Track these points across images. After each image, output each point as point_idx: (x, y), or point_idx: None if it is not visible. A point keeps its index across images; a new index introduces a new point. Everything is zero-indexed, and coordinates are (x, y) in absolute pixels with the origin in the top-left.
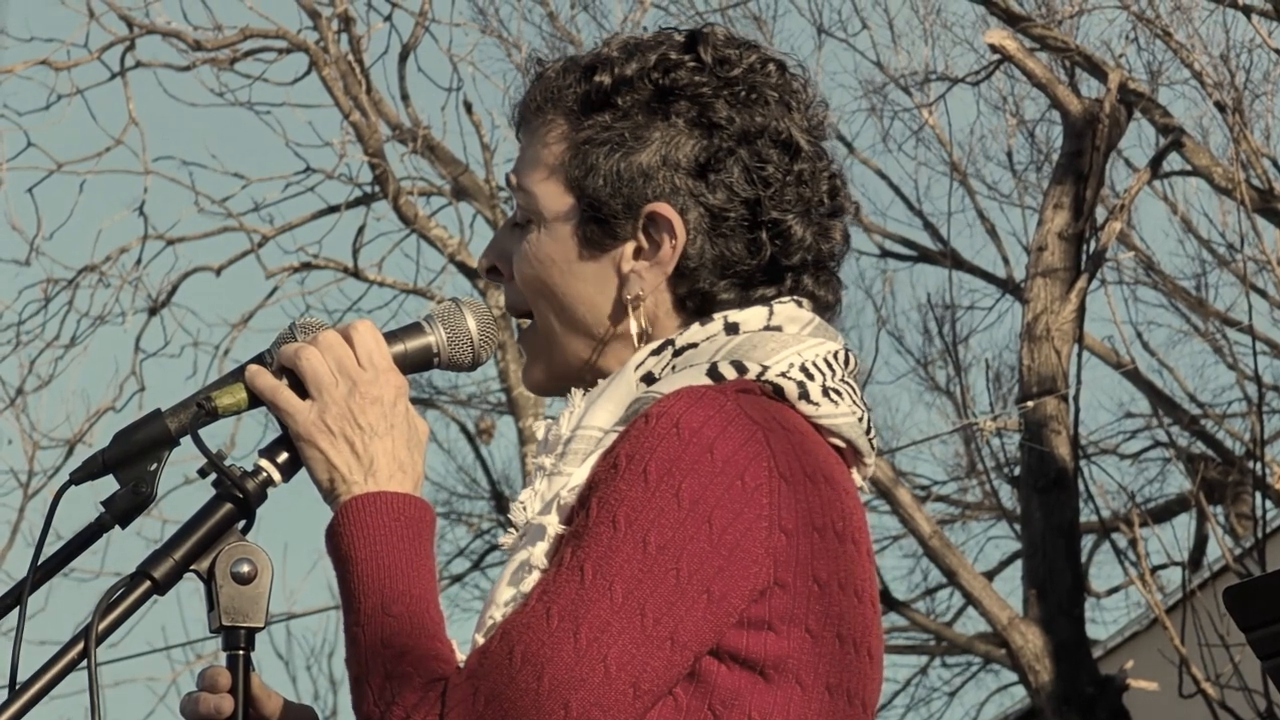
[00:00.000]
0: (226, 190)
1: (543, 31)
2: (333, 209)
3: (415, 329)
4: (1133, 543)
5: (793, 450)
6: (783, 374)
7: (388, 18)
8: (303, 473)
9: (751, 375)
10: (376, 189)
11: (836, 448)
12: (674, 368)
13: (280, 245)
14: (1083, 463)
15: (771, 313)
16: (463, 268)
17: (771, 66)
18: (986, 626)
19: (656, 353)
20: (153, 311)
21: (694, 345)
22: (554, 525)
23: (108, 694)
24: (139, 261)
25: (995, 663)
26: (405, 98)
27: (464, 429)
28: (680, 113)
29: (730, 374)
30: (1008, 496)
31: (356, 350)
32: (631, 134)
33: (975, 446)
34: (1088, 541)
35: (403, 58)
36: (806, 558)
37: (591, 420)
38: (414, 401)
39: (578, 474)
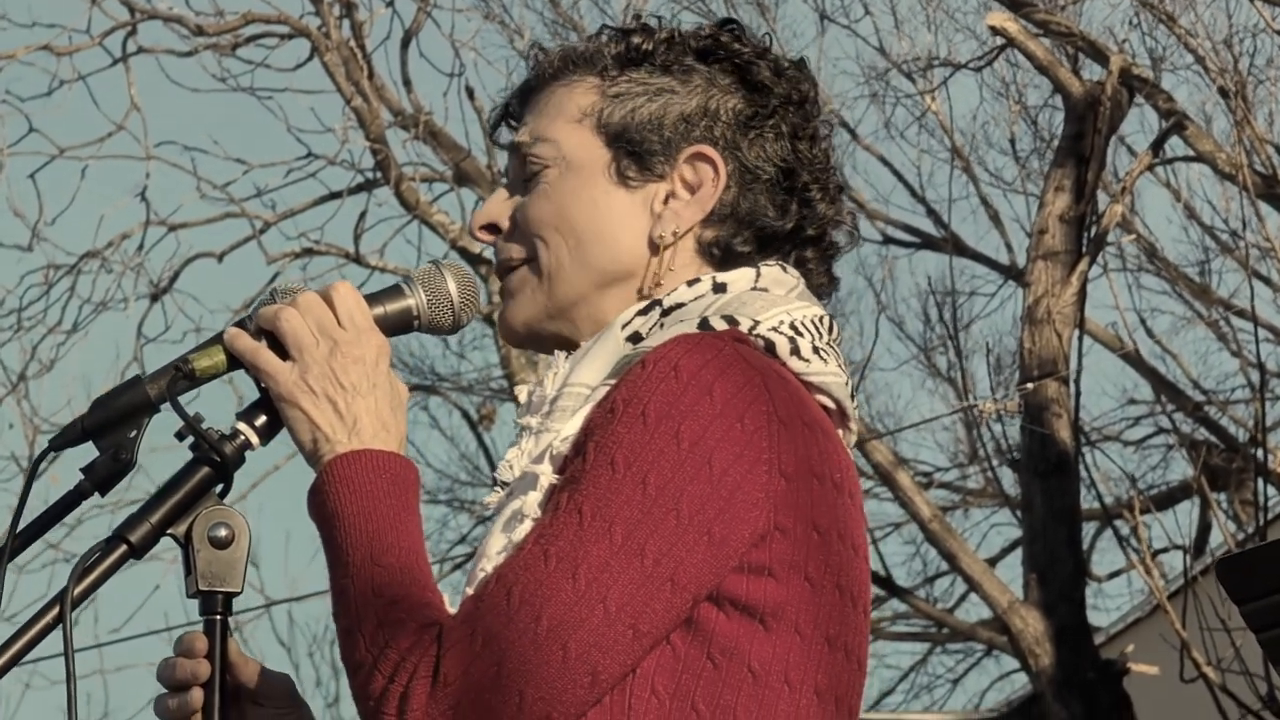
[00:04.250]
0: (228, 176)
1: (544, 18)
2: (334, 195)
3: (395, 291)
4: (1134, 528)
5: (790, 398)
6: (774, 329)
7: (390, 3)
8: (282, 436)
9: (744, 328)
10: (378, 175)
11: (824, 408)
12: (662, 326)
13: (282, 231)
14: (1086, 449)
15: (759, 274)
16: (465, 253)
17: (797, 59)
18: (989, 614)
19: (644, 312)
20: (155, 297)
21: (682, 304)
22: (547, 474)
23: (110, 678)
24: (141, 247)
25: (998, 649)
26: (407, 83)
27: (466, 415)
28: (723, 71)
29: (721, 327)
30: (1010, 483)
31: (337, 310)
32: (670, 86)
33: (977, 433)
34: (1091, 528)
35: (405, 43)
36: (806, 504)
37: (578, 378)
38: (416, 389)
39: (568, 427)
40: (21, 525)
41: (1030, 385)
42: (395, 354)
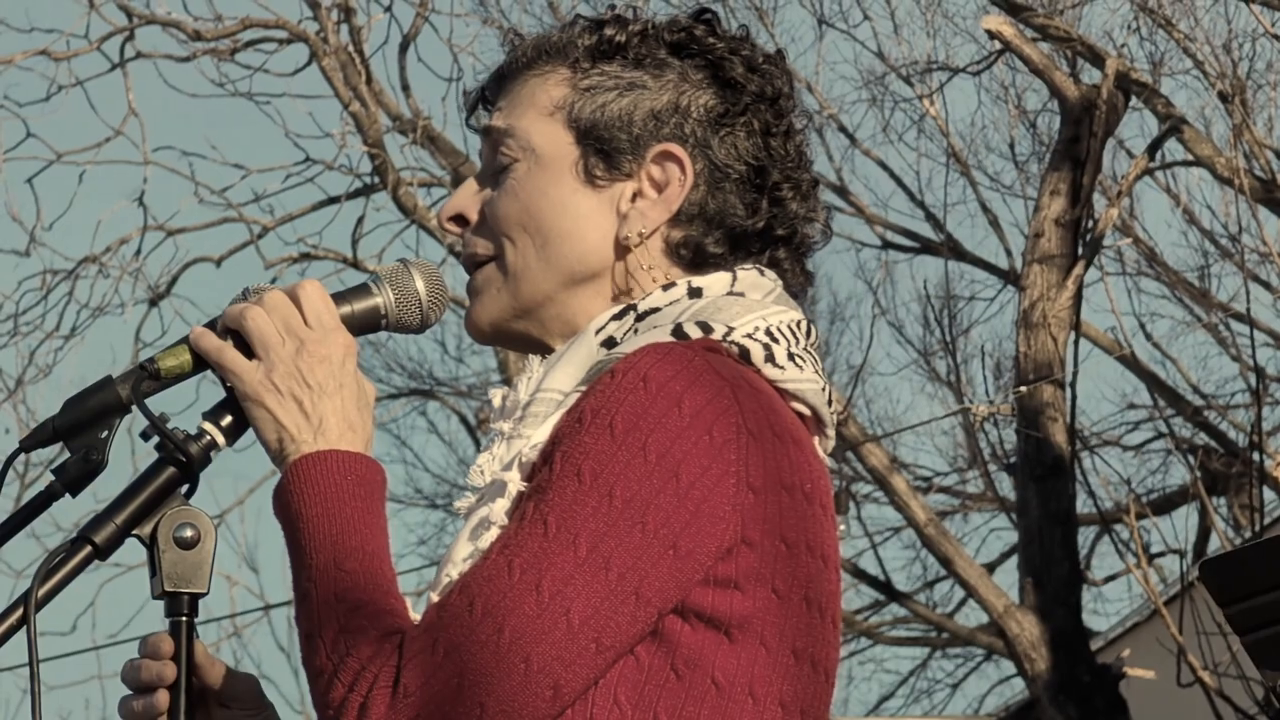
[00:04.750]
0: (226, 181)
1: (543, 23)
2: (333, 200)
3: (363, 290)
4: (1132, 533)
5: (761, 409)
6: (748, 335)
7: (388, 8)
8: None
9: (717, 335)
10: (376, 179)
11: (800, 415)
12: (636, 331)
13: (280, 236)
14: (1085, 454)
15: (735, 279)
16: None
17: (773, 52)
18: (988, 619)
19: (618, 317)
20: (153, 302)
21: (656, 309)
22: (515, 482)
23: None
24: (139, 252)
25: (997, 654)
26: (405, 88)
27: (464, 420)
28: (696, 67)
29: (695, 334)
30: (1008, 488)
31: (304, 310)
32: (642, 81)
33: (974, 438)
34: (1090, 533)
35: (403, 48)
36: (774, 516)
37: (551, 383)
38: (414, 393)
39: (539, 433)
40: None
41: (1025, 389)
42: (393, 357)
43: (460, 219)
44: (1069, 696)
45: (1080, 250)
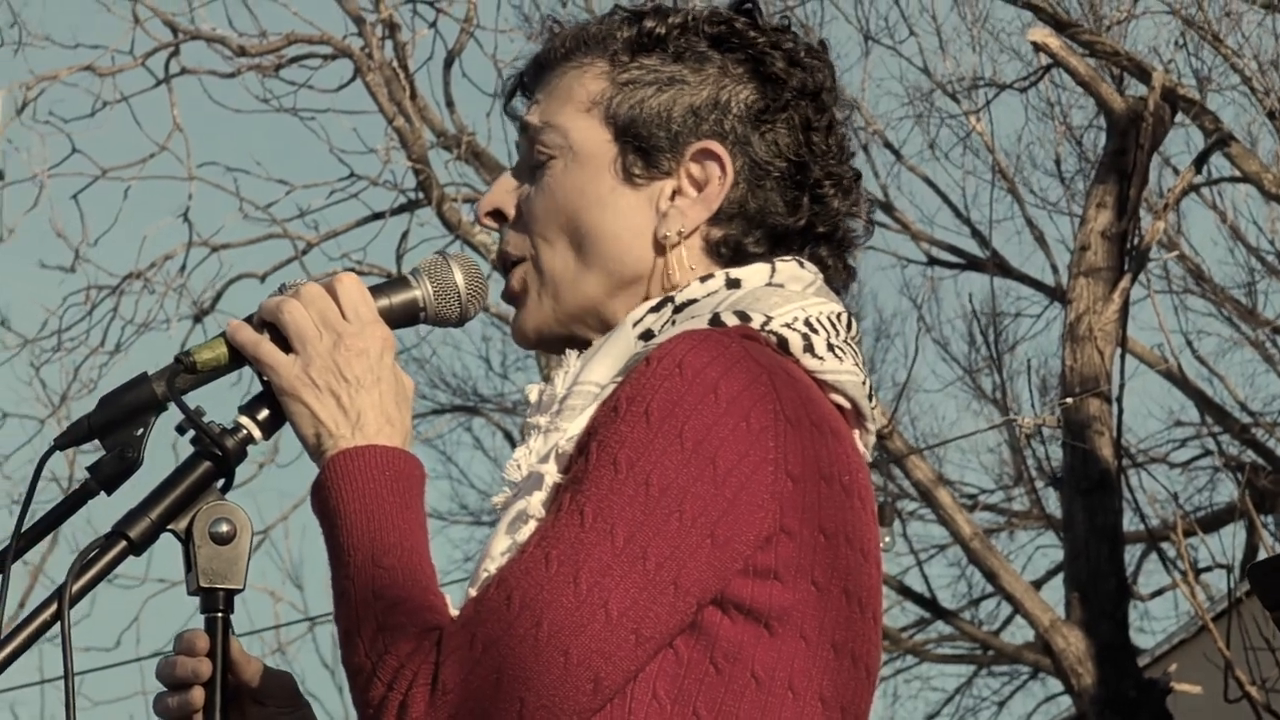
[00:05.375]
0: (271, 196)
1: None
2: (377, 215)
3: (401, 283)
4: (1178, 549)
5: (799, 397)
6: (787, 325)
7: (433, 24)
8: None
9: (755, 324)
10: (420, 195)
11: (839, 408)
12: (674, 323)
13: (324, 252)
14: (1132, 471)
15: (774, 270)
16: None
17: (817, 44)
18: (1034, 637)
19: (656, 309)
20: (197, 318)
21: (694, 300)
22: (552, 474)
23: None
24: (183, 268)
25: (1043, 671)
26: (450, 104)
27: (509, 436)
28: (736, 61)
29: (733, 322)
30: (1055, 506)
31: (341, 303)
32: (681, 76)
33: (1020, 454)
34: (1137, 550)
35: (447, 64)
36: (813, 506)
37: (588, 376)
38: (459, 410)
39: (575, 426)
40: (27, 524)
41: (1071, 400)
42: (438, 374)
43: (498, 214)
44: (1115, 712)
45: (1126, 264)
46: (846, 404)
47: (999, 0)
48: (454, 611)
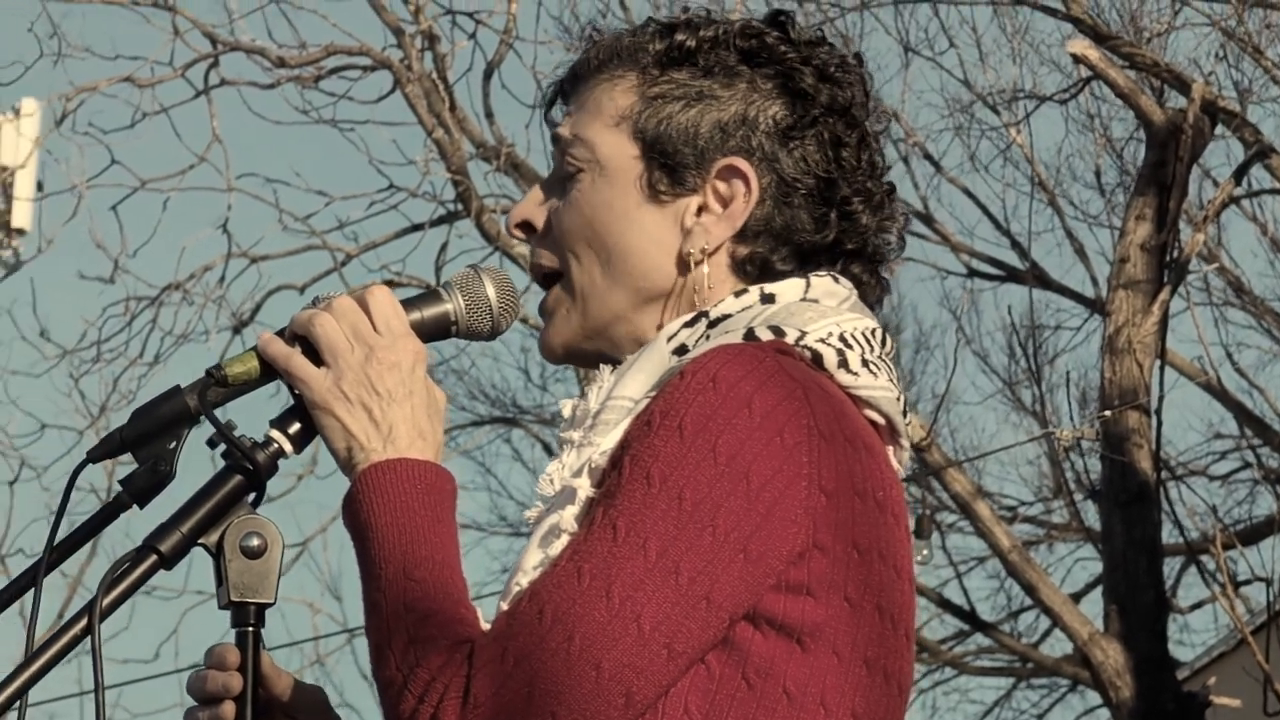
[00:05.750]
0: (310, 208)
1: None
2: (416, 227)
3: (433, 296)
4: (1218, 561)
5: (832, 412)
6: (821, 340)
7: (472, 35)
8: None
9: (790, 339)
10: (460, 207)
11: (873, 423)
12: (708, 338)
13: (364, 263)
14: (1171, 483)
15: (808, 285)
16: None
17: (850, 58)
18: (1073, 649)
19: (690, 324)
20: (236, 330)
21: (729, 315)
22: (585, 488)
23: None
24: (222, 279)
25: (1082, 684)
26: (489, 115)
27: (548, 448)
28: (766, 76)
29: (767, 337)
30: (1094, 519)
31: (373, 315)
32: (710, 91)
33: (1059, 466)
34: (1176, 563)
35: (487, 75)
36: (847, 522)
37: (622, 391)
38: (498, 421)
39: (608, 440)
40: (59, 538)
41: (1110, 413)
42: (476, 385)
43: (527, 226)
44: None
45: (1166, 277)
46: (880, 420)
47: (1039, 12)
48: (486, 625)
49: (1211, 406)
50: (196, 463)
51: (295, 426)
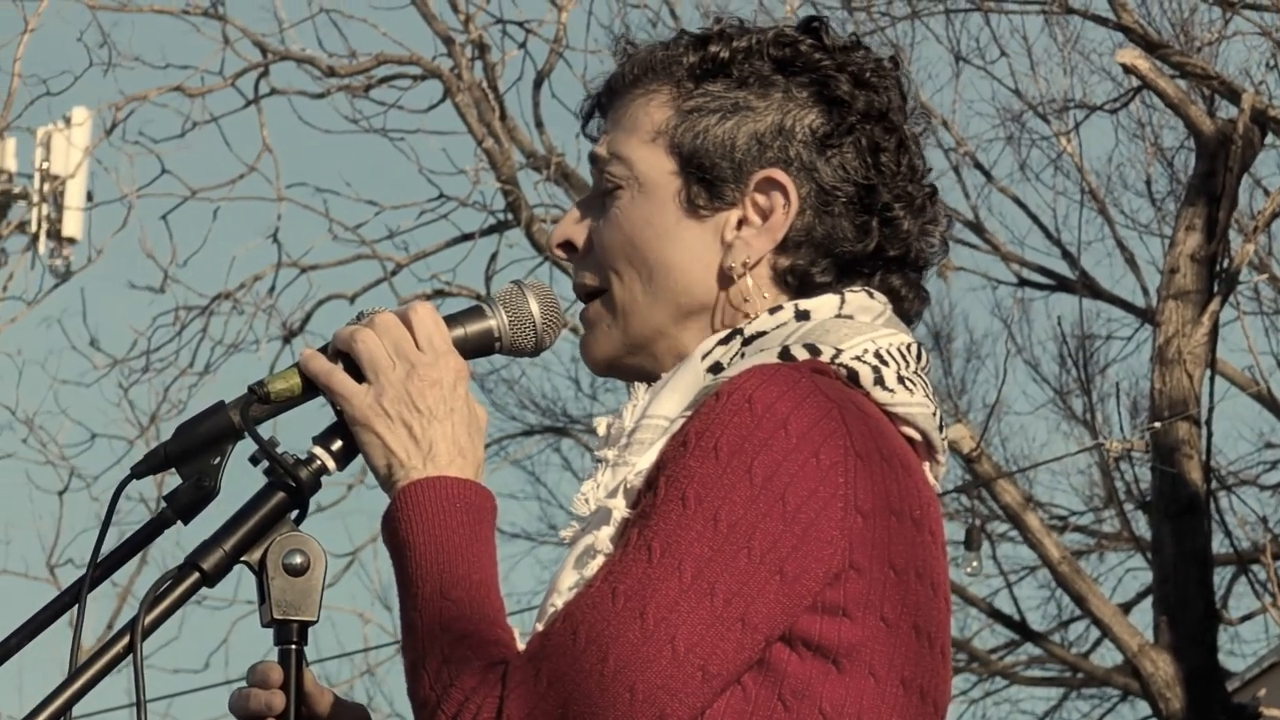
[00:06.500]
0: (360, 217)
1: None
2: (466, 237)
3: (476, 312)
4: (1269, 572)
5: (869, 431)
6: (857, 358)
7: (522, 44)
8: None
9: (825, 358)
10: (510, 216)
11: (909, 440)
12: (743, 355)
13: (414, 273)
14: (1221, 493)
15: (843, 301)
16: None
17: (886, 61)
18: (1124, 659)
19: (724, 342)
20: (286, 339)
21: (763, 333)
22: (620, 509)
23: None
24: (273, 289)
25: (1132, 695)
26: (539, 125)
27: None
28: (801, 85)
29: (803, 355)
30: (1145, 529)
31: (415, 332)
32: (746, 102)
33: (1109, 476)
34: (1226, 573)
35: (537, 85)
36: (883, 542)
37: (656, 410)
38: (548, 431)
39: (644, 460)
40: (103, 554)
41: (1159, 424)
42: (526, 395)
43: (568, 245)
44: None
45: (1216, 287)
46: (917, 436)
47: (1090, 21)
48: (521, 644)
49: (1262, 416)
50: (242, 478)
51: (338, 443)
